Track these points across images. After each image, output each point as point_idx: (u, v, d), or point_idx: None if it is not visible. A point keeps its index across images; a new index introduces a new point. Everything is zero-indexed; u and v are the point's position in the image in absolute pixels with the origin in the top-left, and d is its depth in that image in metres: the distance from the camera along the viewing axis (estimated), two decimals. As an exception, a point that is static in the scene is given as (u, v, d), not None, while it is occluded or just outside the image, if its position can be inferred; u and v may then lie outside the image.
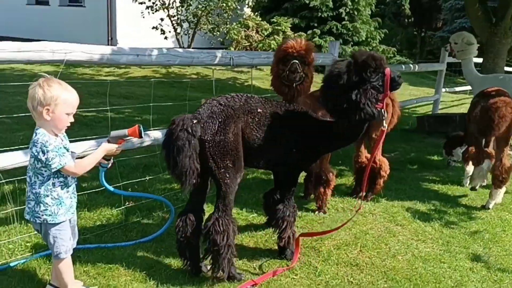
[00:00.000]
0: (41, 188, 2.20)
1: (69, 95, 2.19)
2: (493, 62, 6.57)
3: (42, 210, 2.21)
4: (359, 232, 3.46)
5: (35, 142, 2.15)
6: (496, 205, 4.28)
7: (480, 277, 2.96)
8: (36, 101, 2.13)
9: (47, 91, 2.12)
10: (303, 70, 2.98)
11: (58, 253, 2.27)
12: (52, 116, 2.15)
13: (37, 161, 2.17)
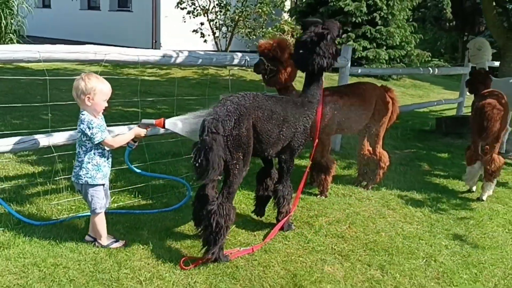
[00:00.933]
0: (85, 157, 2.84)
1: (104, 86, 2.82)
2: (509, 66, 6.82)
3: (84, 174, 2.85)
4: (352, 213, 3.95)
5: (82, 121, 2.78)
6: (490, 197, 4.64)
7: (451, 252, 3.40)
8: (80, 90, 2.76)
9: (88, 83, 2.75)
10: (272, 65, 3.54)
11: (94, 208, 2.91)
12: (92, 102, 2.79)
13: (83, 135, 2.80)
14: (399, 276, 3.00)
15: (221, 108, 2.87)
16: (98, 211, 2.93)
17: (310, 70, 3.29)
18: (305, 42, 3.27)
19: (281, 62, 3.57)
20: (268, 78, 3.66)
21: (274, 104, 3.12)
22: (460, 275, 3.07)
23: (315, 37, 3.23)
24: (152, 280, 2.68)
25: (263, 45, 3.58)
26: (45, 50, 2.97)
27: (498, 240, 3.69)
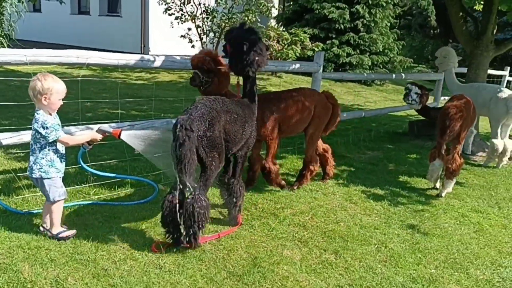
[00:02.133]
0: (39, 153, 3.03)
1: (60, 86, 3.00)
2: (475, 72, 7.22)
3: (38, 168, 3.03)
4: (316, 205, 4.29)
5: (37, 120, 2.96)
6: (448, 193, 5.00)
7: (402, 240, 3.74)
8: (37, 91, 2.92)
9: (44, 83, 2.92)
10: (207, 77, 3.73)
11: (54, 197, 3.09)
12: (48, 102, 2.96)
13: (37, 133, 2.98)
14: (350, 259, 3.33)
15: (195, 110, 3.13)
16: (57, 199, 3.11)
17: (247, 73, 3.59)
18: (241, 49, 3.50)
19: (214, 72, 3.76)
20: (204, 89, 3.82)
21: (237, 107, 3.46)
22: (405, 259, 3.41)
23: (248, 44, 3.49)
24: (125, 261, 2.99)
25: (196, 58, 3.75)
26: (31, 54, 3.27)
27: (448, 230, 4.04)
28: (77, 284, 2.69)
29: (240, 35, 3.56)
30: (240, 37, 3.54)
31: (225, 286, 2.83)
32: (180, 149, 2.95)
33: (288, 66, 5.70)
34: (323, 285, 2.95)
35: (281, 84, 12.89)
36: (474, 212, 4.57)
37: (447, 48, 6.94)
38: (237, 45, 3.52)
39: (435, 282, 3.12)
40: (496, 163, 6.41)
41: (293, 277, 3.00)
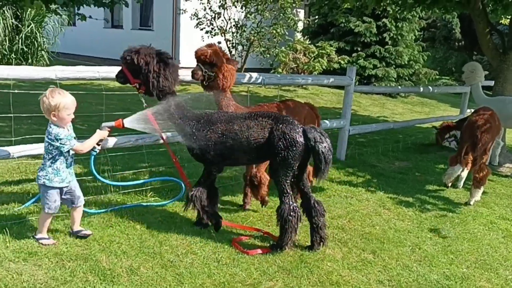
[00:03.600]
0: (48, 161, 3.16)
1: (67, 101, 3.06)
2: (502, 86, 7.42)
3: (43, 175, 3.16)
4: (352, 211, 4.60)
5: (50, 133, 3.09)
6: (476, 202, 5.25)
7: (434, 243, 4.03)
8: (45, 108, 3.03)
9: (51, 100, 3.00)
10: (210, 70, 3.72)
11: (44, 208, 3.23)
12: (57, 117, 3.06)
13: (50, 145, 3.11)
14: (388, 258, 3.63)
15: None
16: (46, 211, 3.22)
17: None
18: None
19: (218, 67, 3.75)
20: (206, 84, 3.82)
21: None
22: (439, 259, 3.70)
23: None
24: (187, 255, 3.36)
25: (200, 51, 3.72)
26: (104, 70, 3.70)
27: (477, 235, 4.30)
28: (148, 273, 3.07)
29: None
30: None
31: (277, 278, 3.17)
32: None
33: (322, 80, 6.06)
34: (365, 280, 3.27)
35: (307, 96, 13.24)
36: (502, 219, 4.81)
37: (474, 63, 7.20)
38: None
39: (467, 279, 3.40)
40: (523, 174, 6.60)
41: (337, 272, 3.32)
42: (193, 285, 2.97)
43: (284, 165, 3.42)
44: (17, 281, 2.82)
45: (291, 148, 3.37)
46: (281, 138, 3.37)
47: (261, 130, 3.44)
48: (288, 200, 3.48)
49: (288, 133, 3.37)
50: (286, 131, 3.38)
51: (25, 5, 6.42)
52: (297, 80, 5.79)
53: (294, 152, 3.38)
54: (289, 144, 3.37)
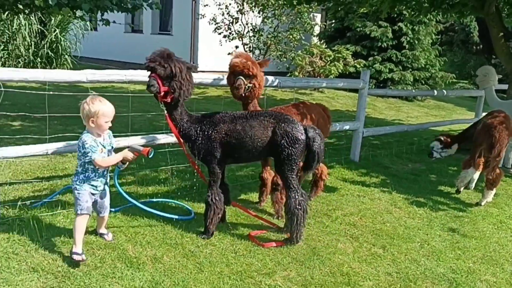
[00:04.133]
0: (80, 168, 3.21)
1: (107, 109, 3.11)
2: (516, 90, 7.53)
3: (75, 180, 3.22)
4: (364, 209, 4.78)
5: (80, 139, 3.14)
6: (488, 203, 5.37)
7: (443, 239, 4.18)
8: (84, 114, 3.09)
9: (91, 107, 3.07)
10: (249, 82, 3.82)
11: (77, 209, 3.19)
12: (95, 124, 3.10)
13: (79, 152, 3.16)
14: (397, 253, 3.81)
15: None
16: (79, 212, 3.17)
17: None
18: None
19: (256, 77, 3.87)
20: (245, 95, 3.91)
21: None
22: (446, 255, 3.86)
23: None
24: (206, 246, 3.59)
25: (241, 64, 3.77)
26: (130, 74, 3.95)
27: (486, 233, 4.44)
28: (171, 261, 3.30)
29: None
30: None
31: (290, 268, 3.38)
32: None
33: (336, 83, 6.25)
34: (374, 272, 3.45)
35: (323, 99, 13.40)
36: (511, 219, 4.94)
37: (487, 67, 7.30)
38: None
39: (472, 273, 3.56)
40: (536, 177, 6.67)
41: (348, 265, 3.52)
42: (212, 273, 3.19)
43: (288, 161, 3.64)
44: (53, 266, 3.08)
45: (294, 146, 3.59)
46: (284, 136, 3.59)
47: (264, 129, 3.63)
48: (294, 195, 3.69)
49: (290, 132, 3.59)
50: (288, 129, 3.60)
51: (53, 12, 6.74)
52: (311, 83, 5.98)
53: (297, 149, 3.61)
54: (292, 141, 3.59)
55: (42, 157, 5.15)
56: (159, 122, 8.22)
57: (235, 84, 3.84)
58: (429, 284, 3.35)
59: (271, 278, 3.21)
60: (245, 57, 3.89)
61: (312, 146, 3.64)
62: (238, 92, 3.87)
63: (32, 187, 4.48)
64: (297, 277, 3.26)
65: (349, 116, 10.90)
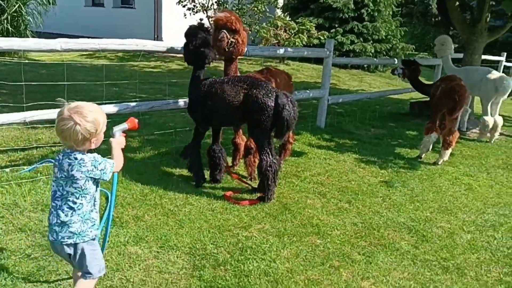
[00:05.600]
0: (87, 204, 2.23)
1: (103, 115, 2.20)
2: (471, 57, 7.96)
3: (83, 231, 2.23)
4: (330, 169, 5.08)
5: (82, 164, 2.13)
6: (444, 162, 5.78)
7: (403, 194, 4.53)
8: (81, 137, 2.10)
9: (88, 125, 2.10)
10: (232, 37, 3.93)
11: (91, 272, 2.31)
12: (97, 141, 2.20)
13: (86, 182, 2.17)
14: (361, 206, 4.12)
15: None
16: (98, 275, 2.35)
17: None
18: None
19: (239, 33, 3.96)
20: (228, 50, 3.98)
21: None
22: (406, 207, 4.21)
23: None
24: (185, 205, 3.79)
25: (225, 18, 3.88)
26: (104, 42, 4.04)
27: (442, 188, 4.82)
28: (152, 219, 3.49)
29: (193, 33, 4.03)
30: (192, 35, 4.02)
31: (264, 222, 3.63)
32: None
33: (303, 52, 6.49)
34: (341, 223, 3.75)
35: (289, 71, 13.59)
36: (465, 176, 5.34)
37: (444, 36, 7.67)
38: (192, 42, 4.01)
39: (429, 221, 3.92)
40: (489, 138, 7.16)
41: (317, 217, 3.80)
42: (192, 228, 3.41)
43: (258, 126, 3.86)
44: (39, 226, 3.21)
45: (262, 111, 3.77)
46: (254, 102, 3.77)
47: (235, 94, 3.83)
48: (265, 157, 3.91)
49: (260, 98, 3.77)
50: (259, 95, 3.77)
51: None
52: (279, 51, 6.17)
53: (265, 115, 3.79)
54: (261, 107, 3.77)
55: (15, 129, 5.18)
56: (126, 94, 8.26)
57: (218, 37, 3.90)
58: (391, 231, 3.68)
59: (247, 230, 3.46)
60: (229, 12, 3.99)
61: (282, 112, 3.77)
62: (222, 45, 3.92)
63: (8, 157, 4.53)
64: (271, 229, 3.51)
65: (314, 87, 11.16)
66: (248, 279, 2.80)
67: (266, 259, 3.06)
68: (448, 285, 2.96)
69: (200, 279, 2.78)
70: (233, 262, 2.99)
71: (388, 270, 3.07)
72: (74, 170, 2.13)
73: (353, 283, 2.87)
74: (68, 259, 2.30)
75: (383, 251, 3.32)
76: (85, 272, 2.28)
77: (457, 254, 3.37)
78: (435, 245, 3.49)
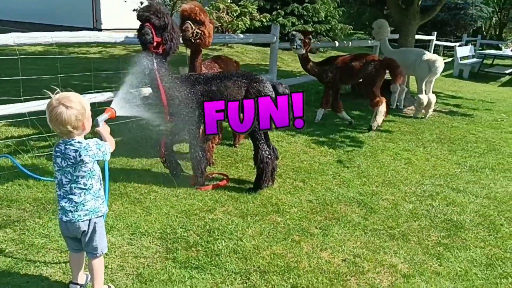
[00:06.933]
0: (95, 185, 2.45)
1: (84, 99, 2.36)
2: (405, 39, 8.49)
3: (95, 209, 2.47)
4: (283, 151, 5.38)
5: (88, 148, 2.33)
6: (386, 139, 6.25)
7: (351, 171, 4.91)
8: (75, 118, 2.25)
9: (77, 106, 2.26)
10: (198, 28, 3.93)
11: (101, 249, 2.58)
12: (88, 123, 2.37)
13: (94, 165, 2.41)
14: (314, 184, 4.46)
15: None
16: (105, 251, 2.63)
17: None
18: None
19: (205, 25, 3.98)
20: (194, 42, 4.00)
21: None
22: (354, 182, 4.59)
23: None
24: (150, 193, 3.95)
25: (189, 9, 3.89)
26: (57, 36, 4.03)
27: (384, 163, 5.26)
28: (120, 208, 3.63)
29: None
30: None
31: (228, 204, 3.87)
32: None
33: (251, 38, 6.65)
34: (297, 201, 4.06)
35: (233, 54, 13.75)
36: (405, 151, 5.83)
37: (381, 20, 8.15)
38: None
39: (376, 194, 4.32)
40: (424, 115, 7.74)
41: (275, 197, 4.09)
42: (160, 214, 3.59)
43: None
44: (8, 222, 3.27)
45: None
46: (258, 95, 3.90)
47: (238, 89, 3.90)
48: (263, 147, 4.10)
49: (262, 90, 3.94)
50: (260, 88, 3.94)
51: None
52: (228, 38, 6.34)
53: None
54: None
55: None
56: (94, 84, 8.09)
57: (183, 27, 3.92)
58: (343, 205, 4.03)
59: (213, 213, 3.68)
60: (194, 4, 4.00)
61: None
62: (186, 35, 3.93)
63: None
64: (234, 211, 3.76)
65: (259, 70, 11.43)
66: (219, 258, 3.04)
67: (233, 238, 3.31)
68: (395, 250, 3.34)
69: (175, 261, 2.98)
70: (203, 243, 3.21)
71: (343, 241, 3.41)
72: (83, 155, 2.32)
73: (314, 254, 3.19)
74: (80, 237, 2.48)
75: (337, 224, 3.67)
76: (93, 249, 2.51)
77: (401, 222, 3.78)
78: (382, 215, 3.89)
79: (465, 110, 8.75)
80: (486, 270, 3.16)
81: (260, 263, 3.02)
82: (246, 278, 2.86)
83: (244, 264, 3.00)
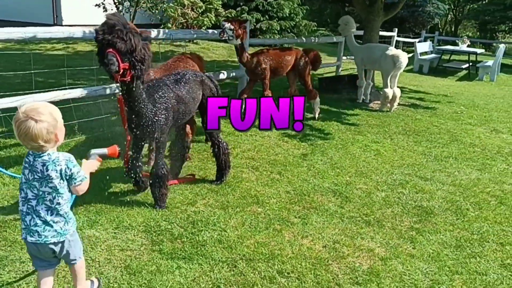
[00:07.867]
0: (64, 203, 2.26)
1: (54, 108, 2.19)
2: (369, 35, 8.75)
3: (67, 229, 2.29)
4: (258, 145, 5.48)
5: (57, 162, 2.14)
6: (354, 132, 6.45)
7: (325, 162, 5.07)
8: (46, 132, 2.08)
9: (48, 119, 2.10)
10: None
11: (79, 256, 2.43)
12: (60, 133, 2.19)
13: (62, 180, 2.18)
14: (291, 176, 4.58)
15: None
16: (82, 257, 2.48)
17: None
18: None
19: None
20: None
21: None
22: (328, 173, 4.74)
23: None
24: (129, 188, 3.96)
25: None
26: (31, 31, 3.97)
27: (356, 155, 5.45)
28: (101, 204, 3.63)
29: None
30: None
31: (208, 197, 3.93)
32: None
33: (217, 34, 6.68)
34: (276, 192, 4.17)
35: (199, 50, 13.73)
36: (373, 143, 6.04)
37: (347, 17, 8.36)
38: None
39: (350, 184, 4.49)
40: (389, 108, 8.01)
41: (254, 189, 4.18)
42: (142, 208, 3.61)
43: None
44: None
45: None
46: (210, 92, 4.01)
47: (197, 89, 3.90)
48: (221, 140, 4.24)
49: (213, 87, 4.06)
50: (211, 85, 4.06)
51: None
52: (199, 35, 6.37)
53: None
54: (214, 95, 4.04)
55: None
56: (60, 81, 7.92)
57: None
58: (319, 195, 4.18)
59: (194, 206, 3.74)
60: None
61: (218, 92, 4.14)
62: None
63: None
64: (215, 203, 3.83)
65: (227, 66, 11.47)
66: (205, 248, 3.12)
67: (217, 229, 3.38)
68: (372, 235, 3.51)
69: (161, 253, 3.03)
70: (188, 234, 3.27)
71: (322, 228, 3.55)
72: (50, 170, 2.14)
73: (295, 242, 3.31)
74: (51, 255, 2.29)
75: (315, 213, 3.80)
76: (72, 259, 2.36)
77: (375, 209, 3.96)
78: (357, 204, 4.05)
79: (427, 103, 9.10)
80: (456, 251, 3.36)
81: (245, 251, 3.11)
82: (233, 266, 2.95)
83: (229, 253, 3.08)
